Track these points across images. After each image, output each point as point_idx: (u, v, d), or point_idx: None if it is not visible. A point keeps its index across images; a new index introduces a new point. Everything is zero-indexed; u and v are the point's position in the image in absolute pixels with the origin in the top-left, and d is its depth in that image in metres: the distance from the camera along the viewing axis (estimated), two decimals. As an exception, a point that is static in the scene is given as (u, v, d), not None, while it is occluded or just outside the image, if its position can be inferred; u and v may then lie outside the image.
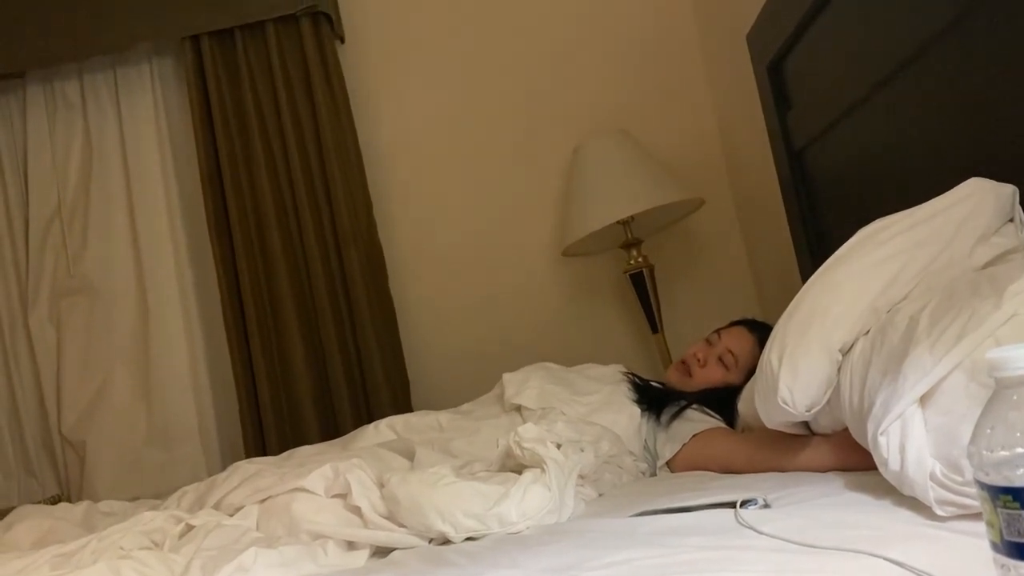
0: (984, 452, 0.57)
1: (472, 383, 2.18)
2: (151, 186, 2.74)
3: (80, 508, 1.76)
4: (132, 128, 2.75)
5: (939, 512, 0.92)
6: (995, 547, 0.58)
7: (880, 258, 1.23)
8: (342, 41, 2.78)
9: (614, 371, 1.93)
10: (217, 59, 2.68)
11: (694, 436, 1.62)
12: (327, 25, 2.70)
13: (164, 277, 2.70)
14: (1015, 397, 0.56)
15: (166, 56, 2.79)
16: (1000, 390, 0.58)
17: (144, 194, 2.73)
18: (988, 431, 0.57)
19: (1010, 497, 0.55)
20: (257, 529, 1.39)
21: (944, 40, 1.33)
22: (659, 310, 2.56)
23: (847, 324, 1.20)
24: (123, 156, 2.74)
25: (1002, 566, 0.58)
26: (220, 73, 2.68)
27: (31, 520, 1.62)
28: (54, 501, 2.43)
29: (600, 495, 1.50)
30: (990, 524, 0.58)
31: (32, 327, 2.70)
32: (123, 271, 2.71)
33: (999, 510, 0.56)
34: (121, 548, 1.30)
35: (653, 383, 1.89)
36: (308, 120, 2.66)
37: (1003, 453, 0.56)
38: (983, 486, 0.58)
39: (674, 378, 1.89)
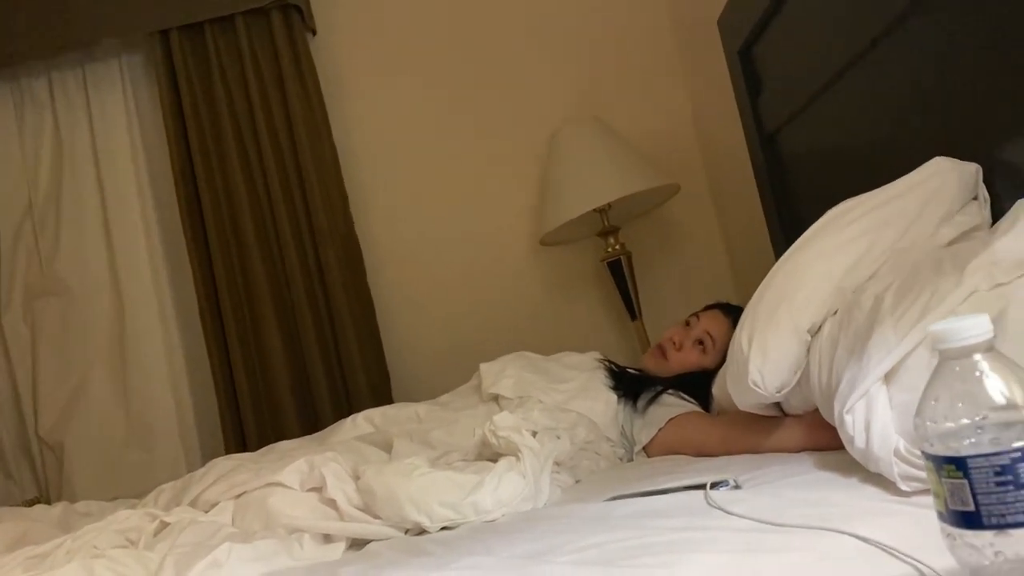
0: (929, 423, 0.58)
1: (452, 374, 2.17)
2: (124, 184, 2.71)
3: (57, 509, 1.75)
4: (102, 126, 2.72)
5: (903, 487, 0.93)
6: (941, 516, 0.59)
7: (846, 239, 1.24)
8: (314, 33, 2.76)
9: (591, 359, 1.94)
10: (187, 54, 2.66)
11: (669, 421, 1.63)
12: (298, 17, 2.68)
13: (139, 276, 2.68)
14: (958, 368, 0.57)
15: (135, 52, 2.76)
16: (944, 362, 0.58)
17: (117, 192, 2.71)
18: (933, 403, 0.58)
19: (953, 467, 0.56)
20: (233, 525, 1.39)
21: (908, 21, 1.33)
22: (637, 297, 2.56)
23: (815, 305, 1.21)
24: (94, 154, 2.71)
25: (948, 535, 0.58)
26: (191, 68, 2.65)
27: (6, 523, 1.61)
28: (32, 504, 2.41)
29: (577, 481, 1.51)
30: (936, 494, 0.58)
31: (6, 329, 2.68)
32: (97, 270, 2.68)
33: (944, 480, 0.57)
34: (95, 547, 1.29)
35: (629, 369, 1.89)
36: (281, 114, 2.64)
37: (948, 425, 0.57)
38: (928, 457, 0.58)
39: (651, 363, 1.90)
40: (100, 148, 2.71)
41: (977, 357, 0.57)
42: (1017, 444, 0.55)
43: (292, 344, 2.60)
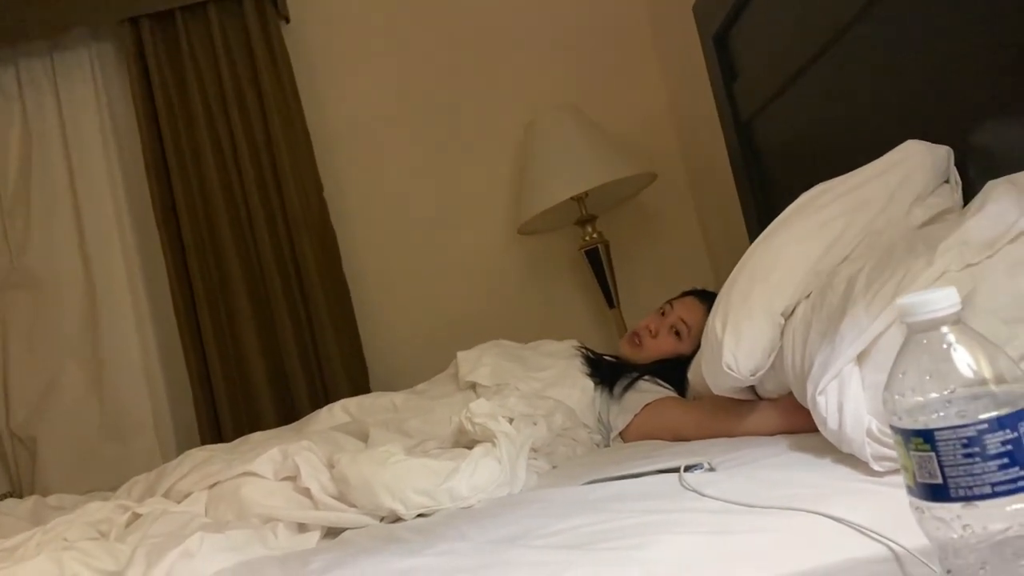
0: (897, 397, 0.58)
1: (430, 363, 2.17)
2: (95, 175, 2.67)
3: (28, 503, 1.73)
4: (72, 115, 2.67)
5: (876, 467, 0.94)
6: (910, 490, 0.59)
7: (820, 222, 1.25)
8: (287, 21, 2.72)
9: (568, 346, 1.93)
10: (158, 42, 2.62)
11: (645, 406, 1.63)
12: (271, 4, 2.65)
13: (111, 267, 2.64)
14: (925, 341, 0.57)
15: (105, 40, 2.71)
16: (912, 335, 0.58)
17: (88, 183, 2.66)
18: (901, 376, 0.58)
19: (921, 440, 0.56)
20: (206, 515, 1.38)
21: (880, 6, 1.34)
22: (615, 285, 2.56)
23: (788, 288, 1.21)
24: (64, 144, 2.67)
25: (916, 508, 0.58)
26: (162, 56, 2.61)
27: (-25, 517, 1.58)
28: (2, 498, 2.38)
29: (553, 467, 1.51)
30: (905, 468, 0.58)
31: (-25, 323, 2.64)
32: (68, 263, 2.64)
33: (912, 453, 0.57)
34: (65, 540, 1.27)
35: (606, 357, 1.89)
36: (254, 103, 2.61)
37: (916, 398, 0.56)
38: (897, 430, 0.58)
39: (627, 350, 1.90)
40: (70, 138, 2.67)
41: (945, 330, 0.57)
42: (983, 416, 0.55)
43: (268, 334, 2.57)
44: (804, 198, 1.31)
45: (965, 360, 0.57)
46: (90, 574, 1.15)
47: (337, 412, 1.86)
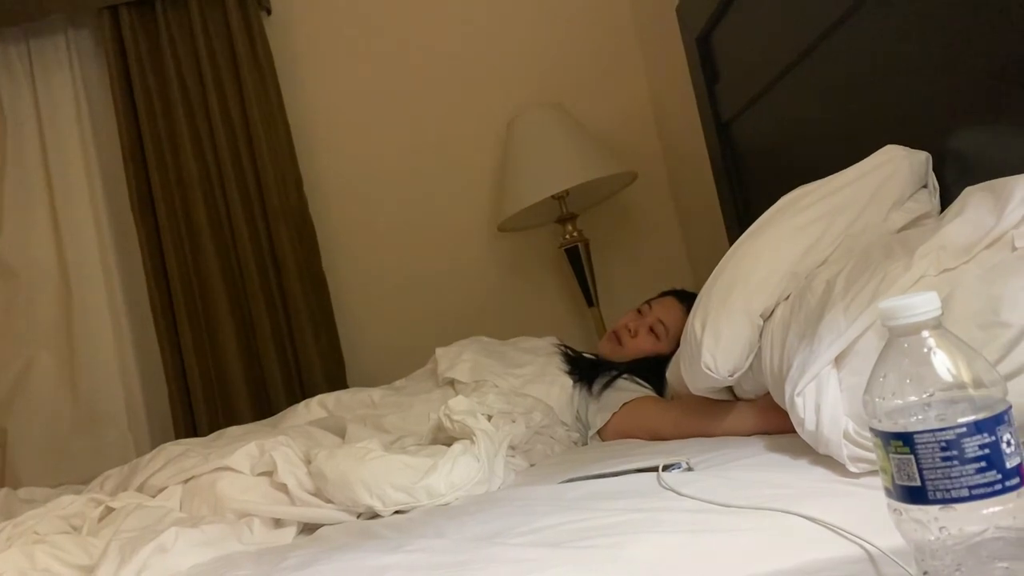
0: (877, 400, 0.58)
1: (408, 360, 2.16)
2: (71, 164, 2.63)
3: (-3, 496, 1.70)
4: (48, 103, 2.64)
5: (852, 468, 0.95)
6: (888, 492, 0.60)
7: (799, 224, 1.26)
8: (268, 12, 2.70)
9: (547, 343, 1.94)
10: (138, 31, 2.59)
11: (623, 405, 1.63)
12: (253, -4, 2.63)
13: (86, 258, 2.61)
14: (906, 345, 0.58)
15: (83, 27, 2.67)
16: (892, 339, 0.59)
17: (63, 172, 2.63)
18: (881, 379, 0.58)
19: (900, 442, 0.57)
20: (181, 510, 1.36)
21: (862, 11, 1.35)
22: (594, 284, 2.57)
23: (767, 289, 1.22)
24: (40, 132, 2.63)
25: (895, 510, 0.59)
26: (141, 46, 2.58)
27: (-56, 510, 1.56)
28: (-28, 490, 2.34)
29: (531, 465, 1.51)
30: (883, 470, 0.59)
31: (-54, 312, 2.59)
32: (43, 252, 2.61)
33: (891, 455, 0.58)
34: (36, 533, 1.26)
35: (585, 355, 1.90)
36: (234, 94, 2.58)
37: (896, 401, 0.57)
38: (876, 433, 0.59)
39: (606, 349, 1.90)
40: (46, 126, 2.63)
41: (925, 334, 0.58)
42: (962, 420, 0.56)
43: (244, 328, 2.55)
44: (784, 201, 1.32)
45: (945, 364, 0.57)
46: (62, 568, 1.14)
47: (314, 407, 1.86)
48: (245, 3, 2.61)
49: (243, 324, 2.56)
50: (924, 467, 0.56)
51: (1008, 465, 0.56)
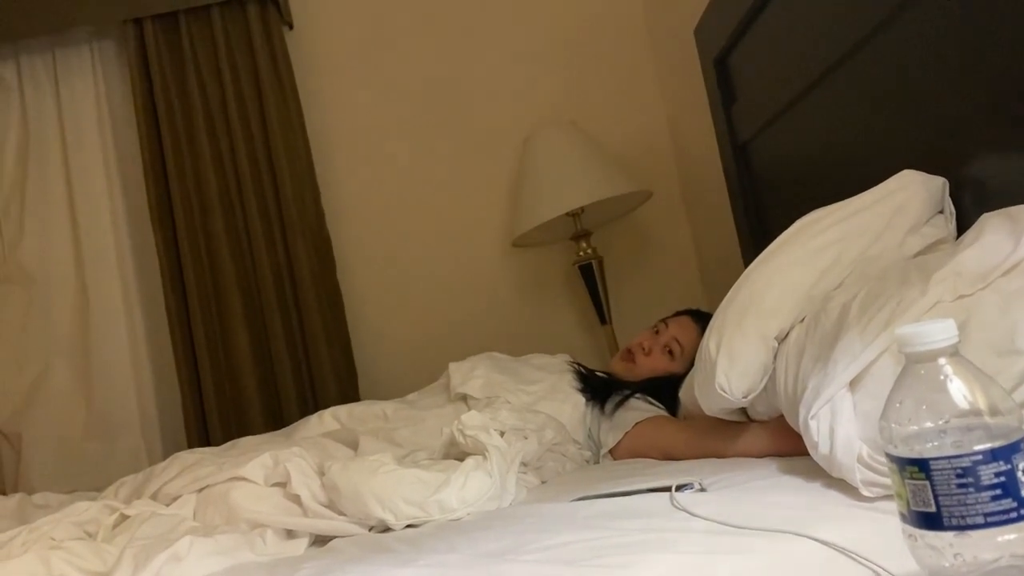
0: (894, 425, 0.59)
1: (420, 373, 2.17)
2: (92, 172, 2.67)
3: (13, 501, 1.72)
4: (72, 112, 2.67)
5: (865, 493, 0.95)
6: (903, 518, 0.60)
7: (815, 248, 1.26)
8: (290, 27, 2.74)
9: (560, 361, 1.94)
10: (161, 44, 2.62)
11: (636, 424, 1.63)
12: (274, 10, 2.66)
13: (105, 266, 2.63)
14: (923, 372, 0.58)
15: (107, 39, 2.71)
16: (909, 365, 0.59)
17: (84, 181, 2.66)
18: (898, 405, 0.59)
19: (916, 468, 0.57)
20: (195, 519, 1.37)
21: (881, 36, 1.35)
22: (607, 301, 2.57)
23: (783, 312, 1.22)
24: (62, 141, 2.67)
25: (909, 536, 0.59)
26: (164, 58, 2.62)
27: (-41, 514, 1.57)
28: (-13, 495, 2.36)
29: (543, 482, 1.51)
30: (899, 495, 0.59)
31: (-35, 317, 2.62)
32: (62, 260, 2.64)
33: (906, 481, 0.58)
34: (52, 539, 1.27)
35: (598, 373, 1.90)
36: (255, 107, 2.61)
37: (912, 427, 0.57)
38: (892, 458, 0.59)
39: (619, 367, 1.90)
40: (68, 135, 2.67)
41: (942, 361, 0.58)
42: (978, 447, 0.56)
43: (259, 339, 2.57)
44: (800, 223, 1.32)
45: (961, 391, 0.58)
46: (77, 574, 1.15)
47: (327, 419, 1.86)
48: (267, 18, 2.64)
49: (258, 334, 2.57)
50: (939, 493, 0.56)
51: (1024, 493, 0.56)
